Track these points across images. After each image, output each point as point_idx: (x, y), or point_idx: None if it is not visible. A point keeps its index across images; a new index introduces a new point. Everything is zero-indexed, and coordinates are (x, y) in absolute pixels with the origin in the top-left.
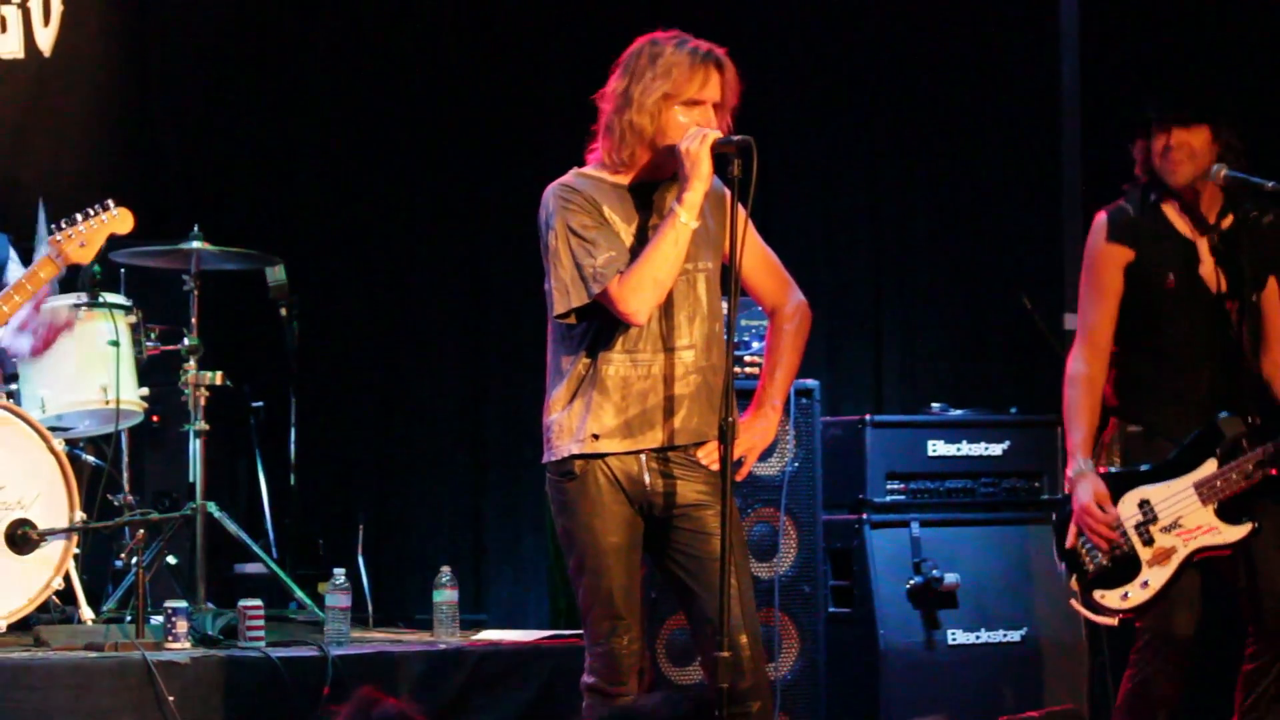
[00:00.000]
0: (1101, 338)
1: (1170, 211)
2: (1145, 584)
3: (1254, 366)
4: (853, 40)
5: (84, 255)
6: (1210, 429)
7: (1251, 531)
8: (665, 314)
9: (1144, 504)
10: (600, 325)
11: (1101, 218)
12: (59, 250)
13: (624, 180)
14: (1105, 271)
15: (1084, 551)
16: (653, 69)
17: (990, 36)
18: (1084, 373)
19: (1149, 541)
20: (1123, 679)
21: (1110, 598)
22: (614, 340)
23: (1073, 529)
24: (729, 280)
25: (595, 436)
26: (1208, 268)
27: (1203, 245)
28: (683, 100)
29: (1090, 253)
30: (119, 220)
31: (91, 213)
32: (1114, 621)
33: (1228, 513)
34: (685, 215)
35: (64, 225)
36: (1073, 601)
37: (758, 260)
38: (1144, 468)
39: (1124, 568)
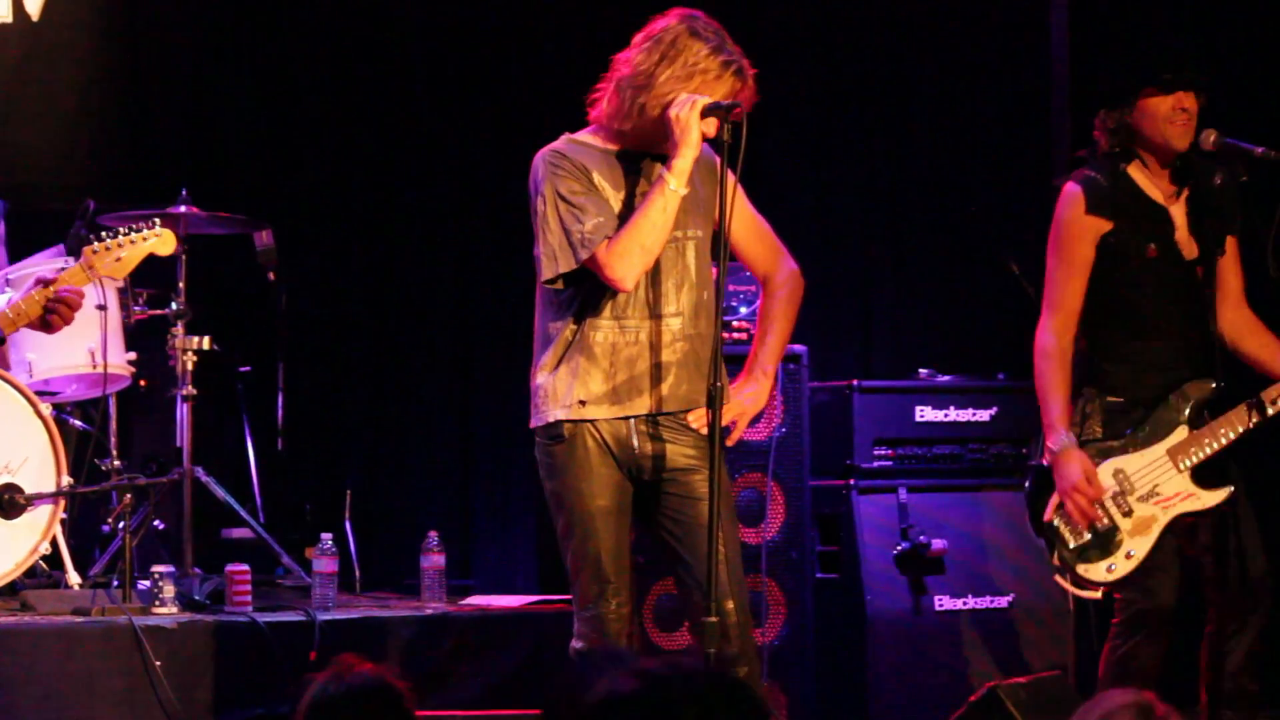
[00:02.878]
0: (1072, 309)
1: (1139, 179)
2: (1130, 555)
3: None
4: (845, 11)
5: (117, 271)
6: (1179, 395)
7: (1228, 496)
8: (653, 281)
9: (1119, 474)
10: (588, 291)
11: (1075, 189)
12: (90, 262)
13: (615, 147)
14: (1080, 243)
15: (1064, 525)
16: (681, 64)
17: (981, 6)
18: (1056, 345)
19: (1128, 512)
20: (1104, 650)
21: (1095, 570)
22: (602, 306)
23: (1054, 503)
24: (720, 248)
25: (582, 402)
26: (1182, 234)
27: (1176, 212)
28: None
29: (1064, 224)
30: (161, 241)
31: (135, 229)
32: (1098, 595)
33: (1203, 478)
34: (674, 182)
35: (104, 236)
36: (1056, 577)
37: (749, 228)
38: (1117, 439)
39: (1104, 540)
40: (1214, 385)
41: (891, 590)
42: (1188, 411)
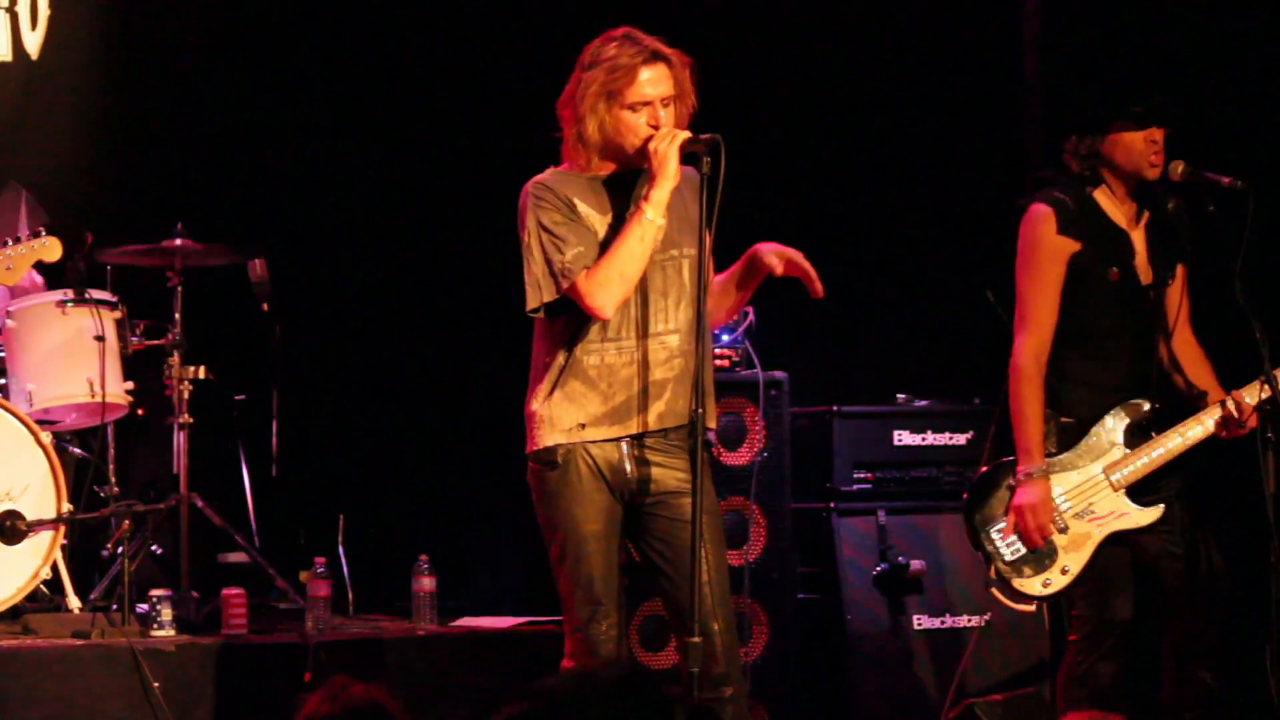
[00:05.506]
0: (1048, 331)
1: (1104, 203)
2: (1065, 570)
3: (1161, 354)
4: (823, 36)
5: (8, 278)
6: (1115, 415)
7: (1162, 515)
8: (647, 300)
9: (1057, 491)
10: (579, 317)
11: (1045, 209)
12: None
13: (599, 173)
14: (1053, 264)
15: (1000, 540)
16: (595, 75)
17: (956, 35)
18: (1034, 366)
19: (1064, 529)
20: (1061, 668)
21: (1030, 585)
22: (594, 330)
23: (1010, 520)
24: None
25: (582, 425)
26: (1141, 259)
27: (1135, 237)
28: (627, 104)
29: (1036, 244)
30: (48, 248)
31: (22, 239)
32: (1031, 608)
33: (1137, 496)
34: (651, 212)
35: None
36: (992, 590)
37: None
38: (1058, 455)
39: (1040, 555)
40: (1149, 406)
41: (871, 610)
42: (1123, 431)
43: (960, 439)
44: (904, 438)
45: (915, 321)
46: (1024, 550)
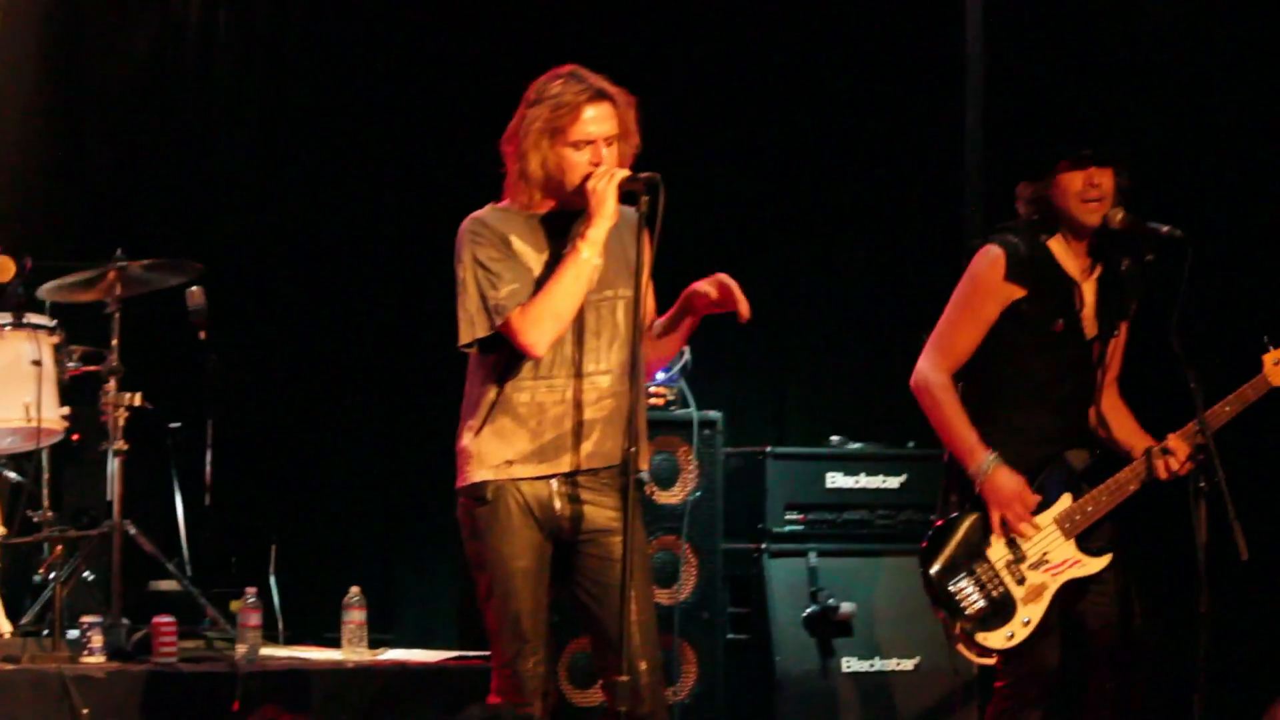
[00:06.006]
0: (961, 357)
1: (1058, 252)
2: (1026, 622)
3: (1099, 404)
4: (762, 76)
5: None
6: (1060, 464)
7: (1111, 562)
8: (580, 340)
9: (1012, 543)
10: (511, 354)
11: (997, 251)
12: None
13: (538, 211)
14: (989, 304)
15: (962, 595)
16: (539, 112)
17: (896, 75)
18: (945, 380)
19: (1021, 580)
20: (988, 712)
21: (994, 639)
22: (525, 367)
23: (996, 518)
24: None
25: (509, 462)
26: (1088, 312)
27: (1085, 289)
28: (570, 142)
29: (977, 281)
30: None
31: None
32: (994, 660)
33: (1087, 544)
34: (587, 251)
35: None
36: (958, 646)
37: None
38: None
39: (1002, 608)
40: (1092, 455)
41: (801, 651)
42: (1070, 480)
43: (893, 482)
44: (837, 480)
45: (850, 364)
46: (983, 603)
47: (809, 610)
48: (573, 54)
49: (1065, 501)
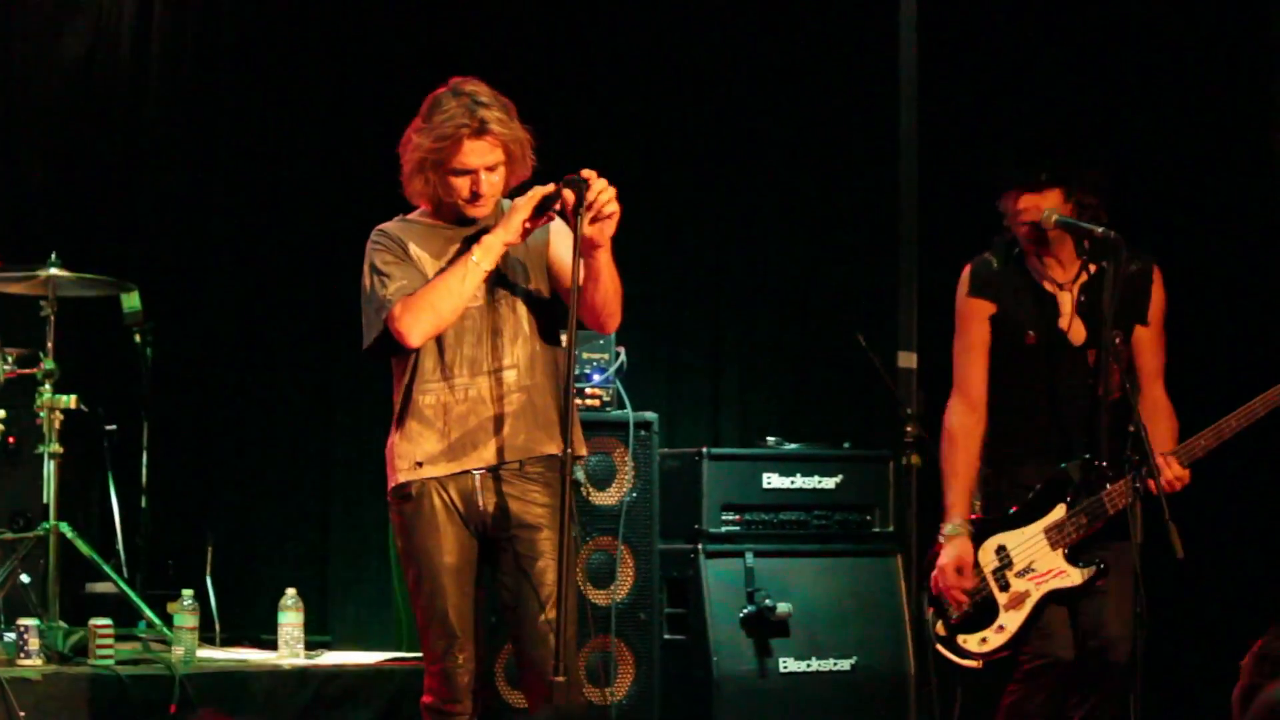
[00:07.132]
0: (975, 389)
1: (1035, 264)
2: (1001, 628)
3: (1105, 414)
4: (698, 81)
5: None
6: (1058, 475)
7: (1095, 574)
8: (482, 338)
9: (1001, 550)
10: (417, 357)
11: (966, 270)
12: None
13: (442, 222)
14: (972, 324)
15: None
16: (422, 140)
17: (831, 85)
18: (960, 426)
19: (1005, 587)
20: (1000, 707)
21: (971, 641)
22: (429, 369)
23: (933, 577)
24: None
25: (419, 464)
26: (1067, 320)
27: (1064, 299)
28: (450, 170)
29: (958, 306)
30: None
31: None
32: (978, 664)
33: (1076, 556)
34: (479, 255)
35: None
36: (939, 646)
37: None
38: (1003, 515)
39: (984, 612)
40: (1094, 466)
41: (738, 652)
42: (1067, 492)
43: (829, 482)
44: (773, 480)
45: (786, 365)
46: (968, 608)
47: (746, 611)
48: (503, 54)
49: (1058, 512)
